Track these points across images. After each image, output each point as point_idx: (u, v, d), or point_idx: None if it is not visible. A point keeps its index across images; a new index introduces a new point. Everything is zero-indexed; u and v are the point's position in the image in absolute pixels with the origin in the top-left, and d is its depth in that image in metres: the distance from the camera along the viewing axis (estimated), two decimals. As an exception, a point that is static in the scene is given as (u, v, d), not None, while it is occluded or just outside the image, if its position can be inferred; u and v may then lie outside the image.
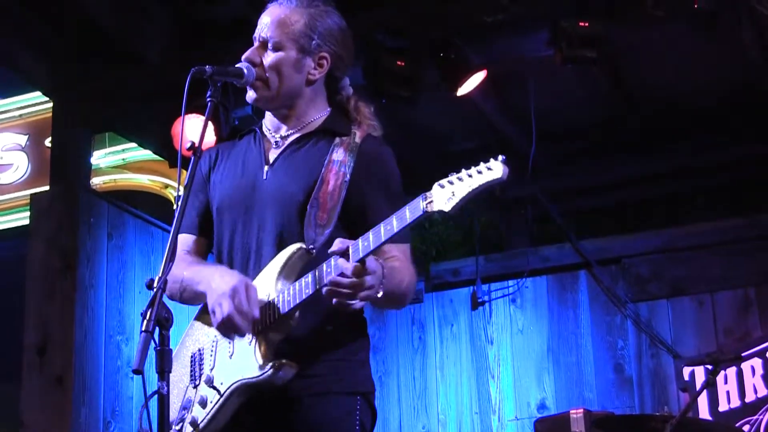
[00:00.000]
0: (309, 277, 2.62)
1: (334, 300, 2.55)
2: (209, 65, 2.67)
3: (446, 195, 2.41)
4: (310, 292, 2.61)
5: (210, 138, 5.11)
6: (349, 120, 2.92)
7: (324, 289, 2.56)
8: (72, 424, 4.88)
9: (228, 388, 2.69)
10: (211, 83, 2.66)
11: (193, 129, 2.72)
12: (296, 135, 2.88)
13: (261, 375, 2.64)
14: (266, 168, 2.84)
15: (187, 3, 5.27)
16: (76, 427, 4.90)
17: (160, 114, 5.18)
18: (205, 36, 5.20)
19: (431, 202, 2.43)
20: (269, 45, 2.84)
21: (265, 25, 2.86)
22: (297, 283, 2.64)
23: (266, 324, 2.67)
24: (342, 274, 2.52)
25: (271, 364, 2.63)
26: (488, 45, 5.20)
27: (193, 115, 3.90)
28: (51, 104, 5.72)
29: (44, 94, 5.89)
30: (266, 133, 2.94)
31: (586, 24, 4.76)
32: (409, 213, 2.46)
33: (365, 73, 4.92)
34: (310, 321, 2.70)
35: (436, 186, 2.44)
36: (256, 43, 2.87)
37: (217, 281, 2.69)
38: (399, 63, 4.96)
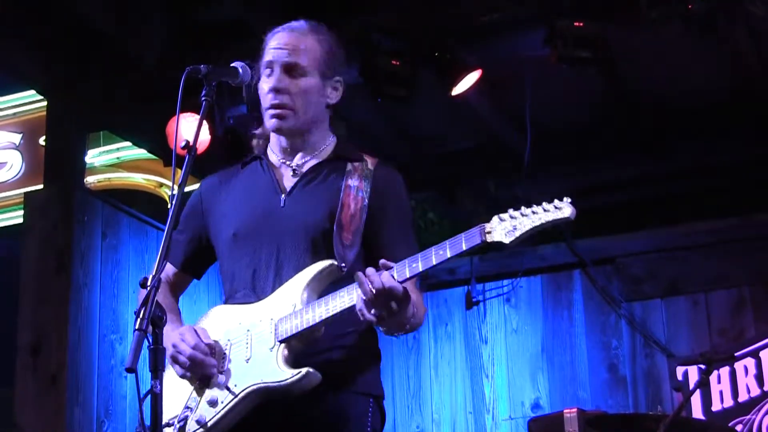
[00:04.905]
0: (344, 292, 2.64)
1: (365, 312, 2.55)
2: (204, 65, 2.67)
3: (506, 228, 2.45)
4: (346, 307, 2.63)
5: (204, 137, 5.10)
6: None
7: (363, 288, 2.53)
8: (66, 424, 4.88)
9: (243, 390, 2.70)
10: (205, 83, 2.66)
11: (188, 128, 2.72)
12: (311, 163, 2.89)
13: (284, 381, 2.65)
14: (283, 196, 2.85)
15: (183, 4, 5.25)
16: (69, 426, 4.89)
17: (155, 113, 5.17)
18: (200, 37, 5.19)
19: (490, 233, 2.47)
20: (295, 71, 2.83)
21: (286, 50, 2.84)
22: (331, 297, 2.65)
23: (291, 333, 2.68)
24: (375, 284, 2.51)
25: (297, 371, 2.65)
26: (484, 45, 5.20)
27: (188, 114, 3.90)
28: (45, 103, 5.71)
29: (39, 93, 5.87)
30: (273, 160, 2.94)
31: (582, 24, 4.77)
32: (465, 241, 2.49)
33: (361, 73, 4.91)
34: (332, 327, 2.72)
35: (495, 218, 2.48)
36: (276, 69, 2.83)
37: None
38: (394, 62, 4.96)
